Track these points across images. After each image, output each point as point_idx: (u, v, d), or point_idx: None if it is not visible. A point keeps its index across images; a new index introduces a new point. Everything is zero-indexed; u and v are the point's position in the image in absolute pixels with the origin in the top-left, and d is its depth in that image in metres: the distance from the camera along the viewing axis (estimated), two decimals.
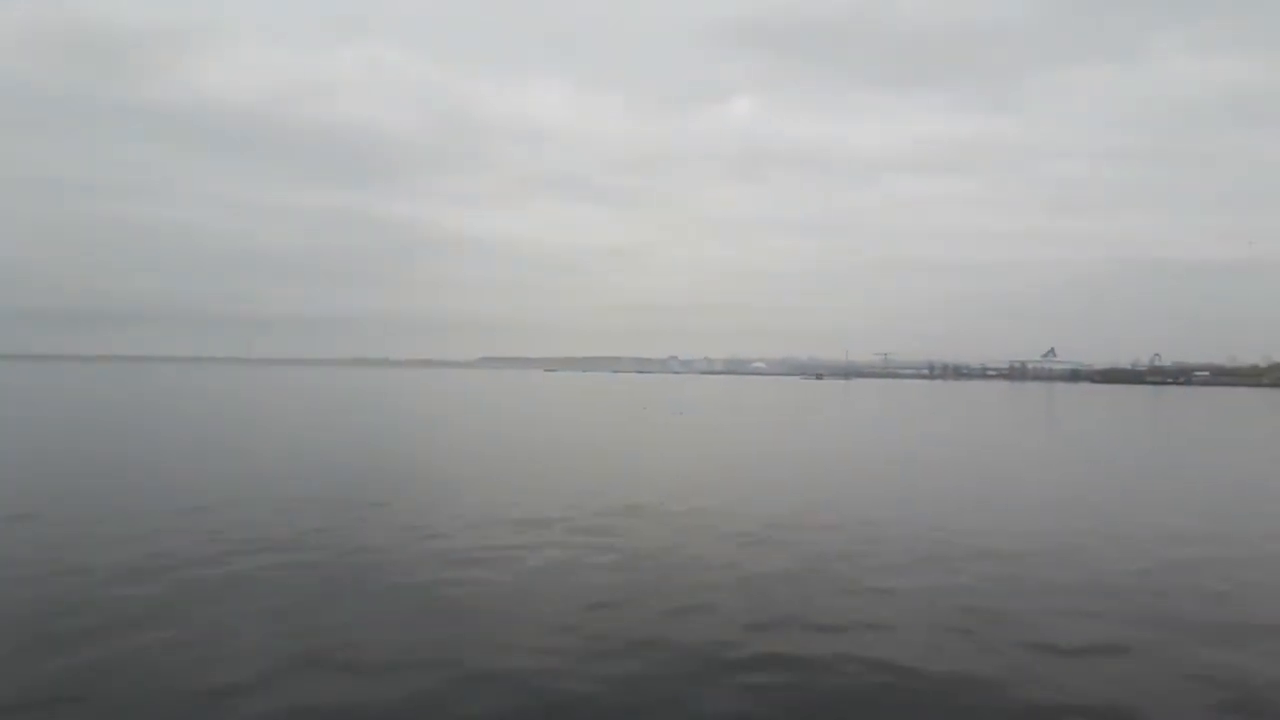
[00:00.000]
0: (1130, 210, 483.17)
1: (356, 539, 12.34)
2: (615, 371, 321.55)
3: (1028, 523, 15.14)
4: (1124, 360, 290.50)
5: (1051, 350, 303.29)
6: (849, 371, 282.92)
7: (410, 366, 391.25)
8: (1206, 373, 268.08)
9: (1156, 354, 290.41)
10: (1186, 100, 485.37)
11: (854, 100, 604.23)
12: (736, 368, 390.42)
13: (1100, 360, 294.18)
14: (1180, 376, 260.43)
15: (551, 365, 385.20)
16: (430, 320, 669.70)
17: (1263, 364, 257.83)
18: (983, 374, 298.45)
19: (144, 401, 57.10)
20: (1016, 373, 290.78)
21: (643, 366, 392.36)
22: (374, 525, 13.44)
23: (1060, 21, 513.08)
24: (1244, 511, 17.36)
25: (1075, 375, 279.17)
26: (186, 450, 25.68)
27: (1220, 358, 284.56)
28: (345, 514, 14.20)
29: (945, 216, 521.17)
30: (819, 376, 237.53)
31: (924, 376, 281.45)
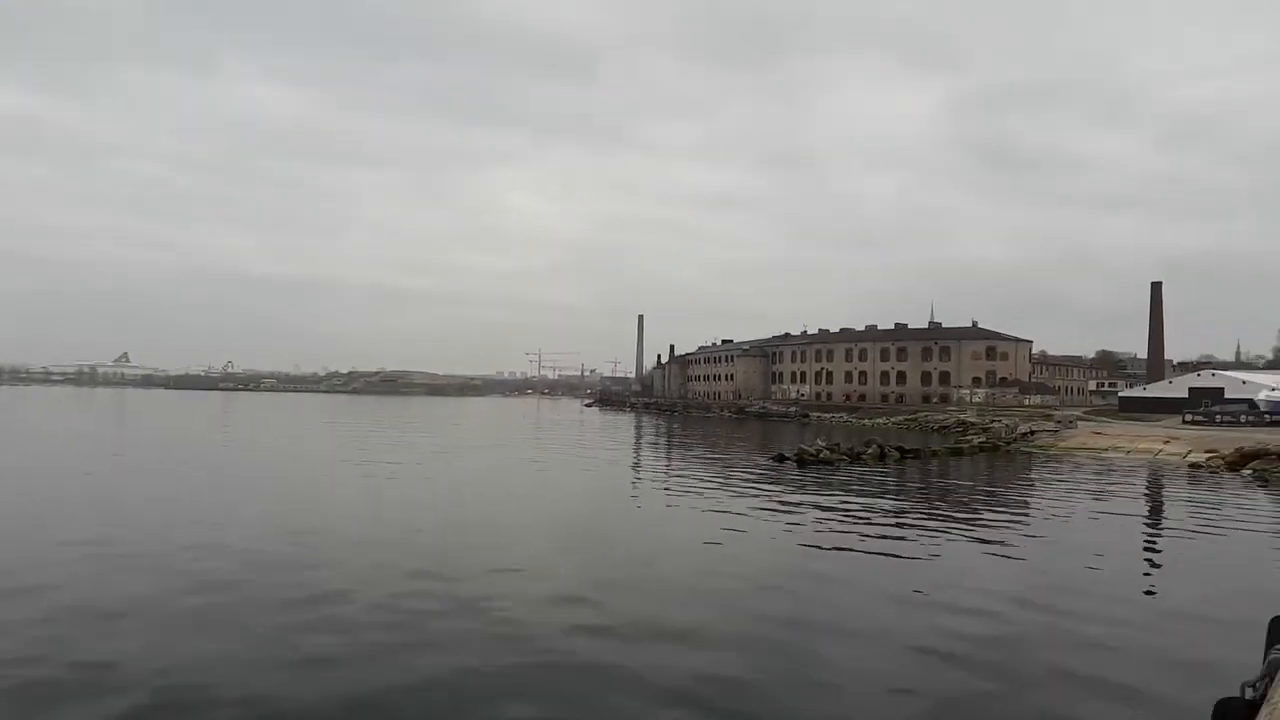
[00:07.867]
0: (207, 221, 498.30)
1: None
2: None
3: None
4: (198, 367, 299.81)
5: (125, 355, 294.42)
6: None
7: None
8: (274, 380, 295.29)
9: (230, 361, 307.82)
10: (252, 122, 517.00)
11: None
12: None
13: (176, 367, 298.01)
14: (251, 383, 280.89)
15: None
16: None
17: (322, 373, 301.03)
18: (46, 378, 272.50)
19: None
20: (86, 378, 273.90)
21: None
22: None
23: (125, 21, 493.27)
24: None
25: (149, 381, 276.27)
26: None
27: (288, 366, 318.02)
28: None
29: (9, 203, 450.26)
30: None
31: None
